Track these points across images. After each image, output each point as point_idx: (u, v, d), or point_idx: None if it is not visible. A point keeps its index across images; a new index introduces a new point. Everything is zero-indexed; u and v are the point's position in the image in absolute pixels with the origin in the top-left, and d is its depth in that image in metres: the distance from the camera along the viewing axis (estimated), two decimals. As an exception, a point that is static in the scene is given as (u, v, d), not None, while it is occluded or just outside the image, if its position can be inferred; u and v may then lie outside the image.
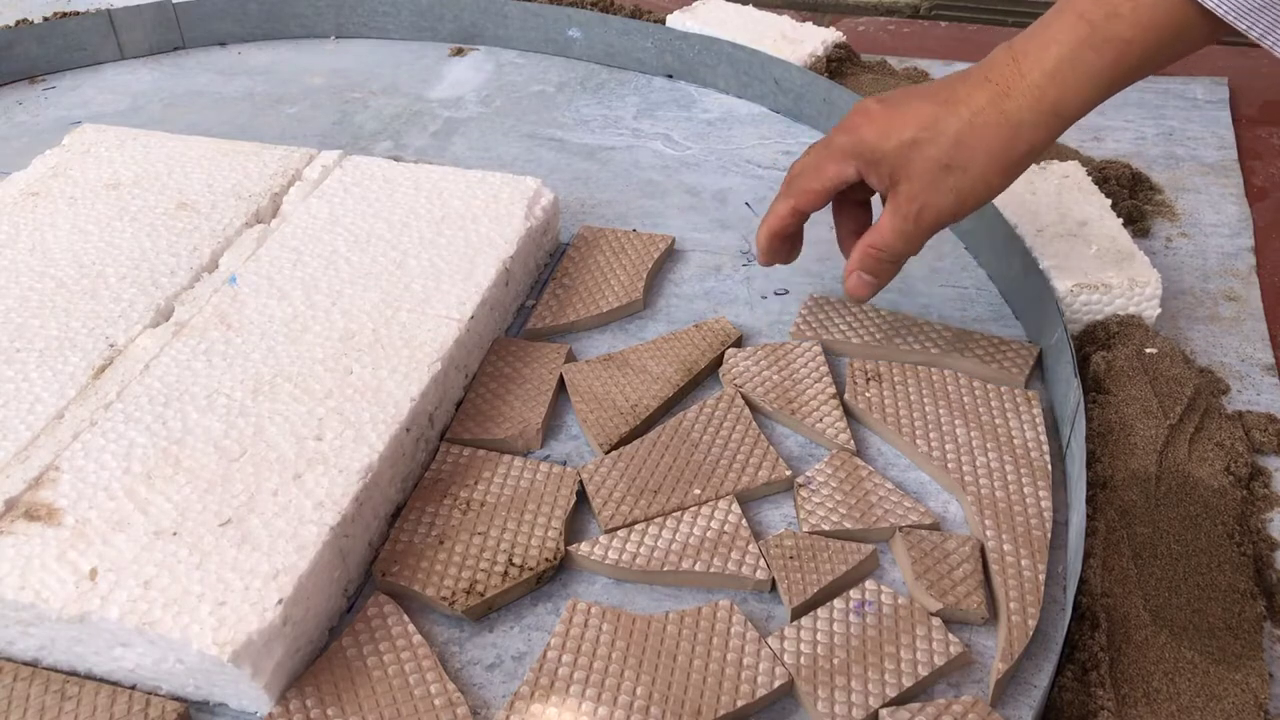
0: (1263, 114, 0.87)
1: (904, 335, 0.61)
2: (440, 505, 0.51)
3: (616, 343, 0.63)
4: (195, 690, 0.43)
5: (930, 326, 0.61)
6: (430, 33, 1.00)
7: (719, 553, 0.48)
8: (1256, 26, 0.46)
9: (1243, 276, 0.68)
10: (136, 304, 0.58)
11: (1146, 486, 0.51)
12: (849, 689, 0.43)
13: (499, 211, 0.65)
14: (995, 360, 0.59)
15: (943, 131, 0.50)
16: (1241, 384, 0.60)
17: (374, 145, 0.84)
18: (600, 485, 0.52)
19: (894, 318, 0.62)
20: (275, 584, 0.42)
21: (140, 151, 0.71)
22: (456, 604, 0.46)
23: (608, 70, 0.95)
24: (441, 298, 0.58)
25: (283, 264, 0.61)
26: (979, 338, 0.60)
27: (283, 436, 0.49)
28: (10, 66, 0.93)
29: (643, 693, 0.43)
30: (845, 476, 0.52)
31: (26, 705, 0.42)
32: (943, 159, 0.50)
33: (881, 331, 0.61)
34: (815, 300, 0.63)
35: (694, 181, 0.78)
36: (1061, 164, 0.72)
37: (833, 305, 0.63)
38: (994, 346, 0.60)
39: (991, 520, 0.49)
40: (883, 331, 0.61)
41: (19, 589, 0.42)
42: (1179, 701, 0.43)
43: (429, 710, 0.42)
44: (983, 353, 0.59)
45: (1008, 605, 0.45)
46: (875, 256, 0.54)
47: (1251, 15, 0.45)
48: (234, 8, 0.99)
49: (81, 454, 0.48)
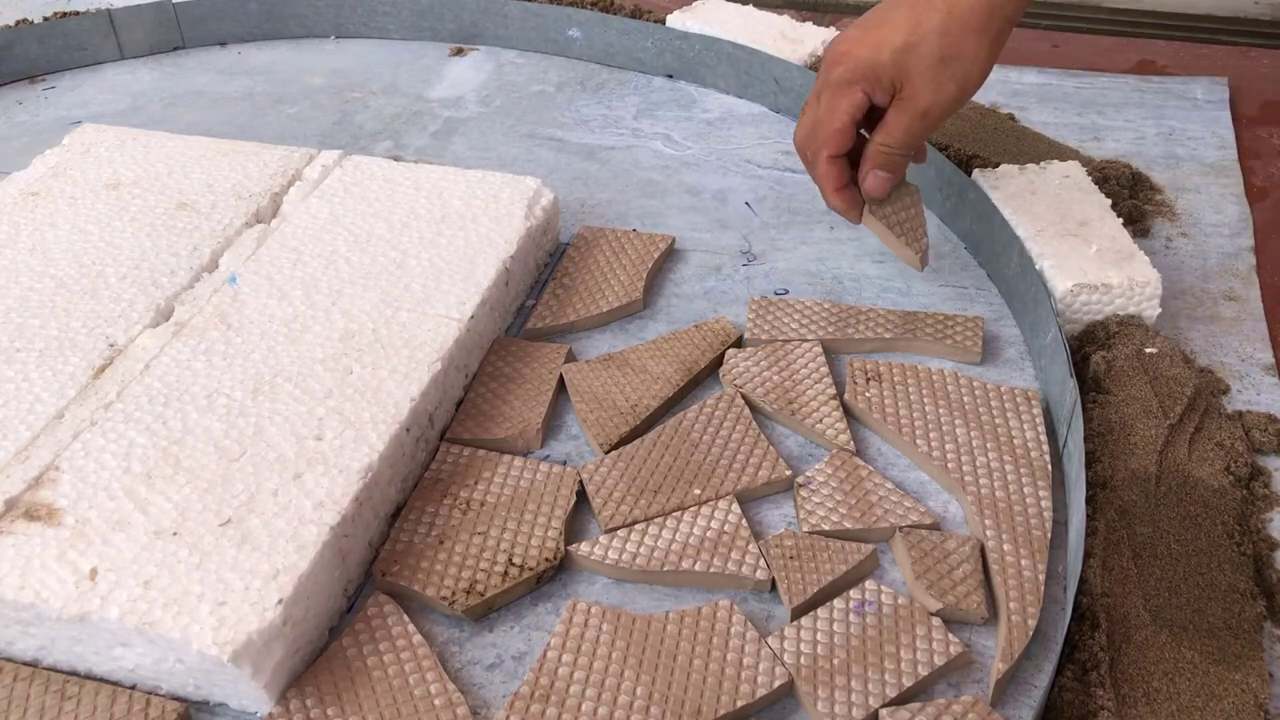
0: (1263, 114, 0.87)
1: (855, 325, 0.61)
2: (440, 505, 0.51)
3: (616, 343, 0.63)
4: (195, 690, 0.43)
5: (877, 313, 0.62)
6: (430, 33, 1.00)
7: (719, 553, 0.48)
8: None
9: (1243, 276, 0.68)
10: (136, 304, 0.58)
11: (1146, 486, 0.51)
12: (849, 689, 0.43)
13: (499, 211, 0.65)
14: (947, 337, 0.60)
15: (929, 29, 0.54)
16: (1241, 384, 0.60)
17: (374, 145, 0.84)
18: (600, 485, 0.52)
19: (840, 309, 0.63)
20: (275, 584, 0.42)
21: (140, 151, 0.71)
22: (456, 604, 0.46)
23: (608, 70, 0.95)
24: (441, 298, 0.58)
25: (283, 264, 0.61)
26: (926, 317, 0.62)
27: (283, 436, 0.49)
28: (10, 66, 0.93)
29: (643, 693, 0.43)
30: (845, 476, 0.52)
31: (26, 705, 0.42)
32: (937, 53, 0.54)
33: (832, 324, 0.62)
34: (758, 303, 0.63)
35: (694, 181, 0.78)
36: (1061, 164, 0.72)
37: (777, 305, 0.63)
38: (942, 324, 0.61)
39: (991, 520, 0.49)
40: (833, 324, 0.62)
41: (19, 589, 0.42)
42: (1179, 701, 0.43)
43: (429, 710, 0.42)
44: (933, 331, 0.61)
45: (1008, 605, 0.45)
46: (887, 153, 0.57)
47: None
48: (234, 8, 0.99)
49: (81, 454, 0.48)
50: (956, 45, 0.54)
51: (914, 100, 0.55)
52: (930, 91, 0.55)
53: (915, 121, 0.55)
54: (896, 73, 0.54)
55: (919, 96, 0.55)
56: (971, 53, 0.54)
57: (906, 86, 0.55)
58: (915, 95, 0.55)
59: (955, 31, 0.53)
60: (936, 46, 0.54)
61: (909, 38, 0.54)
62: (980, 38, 0.54)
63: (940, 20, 0.53)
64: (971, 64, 0.54)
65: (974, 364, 0.60)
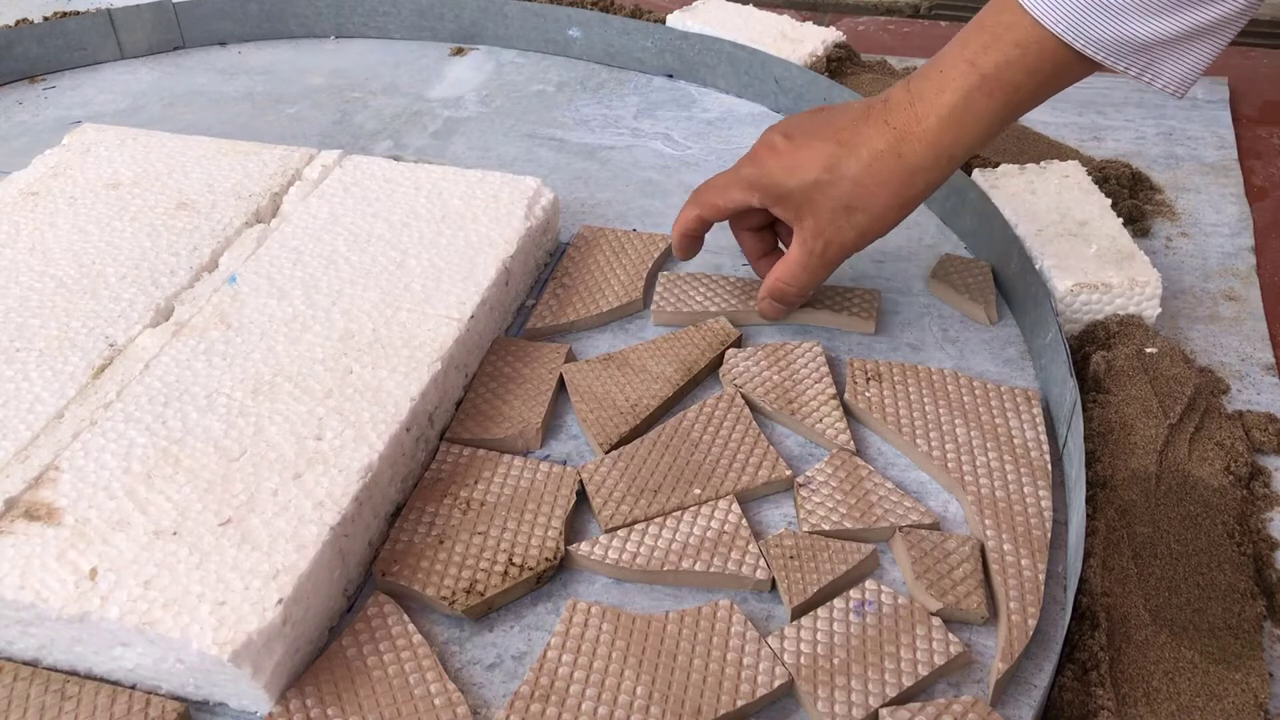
0: (1263, 114, 0.87)
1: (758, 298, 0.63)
2: (440, 505, 0.51)
3: (616, 342, 0.63)
4: (195, 690, 0.43)
5: None
6: (430, 32, 1.00)
7: (719, 552, 0.48)
8: (1133, 68, 0.49)
9: (1243, 276, 0.68)
10: (136, 303, 0.58)
11: (1146, 486, 0.51)
12: (849, 689, 0.43)
13: (499, 211, 0.65)
14: (845, 309, 0.63)
15: (844, 174, 0.54)
16: (1241, 384, 0.60)
17: (374, 145, 0.84)
18: (600, 485, 0.52)
19: (743, 283, 0.65)
20: (275, 584, 0.42)
21: (140, 151, 0.71)
22: (456, 604, 0.46)
23: (608, 70, 0.95)
24: (441, 297, 0.58)
25: (283, 264, 0.61)
26: (824, 290, 0.64)
27: (283, 436, 0.49)
28: (10, 66, 0.93)
29: (643, 693, 0.43)
30: (845, 476, 0.52)
31: (26, 705, 0.42)
32: (844, 200, 0.54)
33: (736, 297, 0.64)
34: (667, 277, 0.65)
35: (694, 181, 0.78)
36: (1061, 164, 0.72)
37: (683, 279, 0.65)
38: (841, 295, 0.64)
39: (991, 520, 0.49)
40: (737, 297, 0.64)
41: (19, 589, 0.42)
42: (1179, 701, 0.43)
43: (429, 710, 0.42)
44: (832, 303, 0.63)
45: (1008, 605, 0.45)
46: (783, 289, 0.59)
47: (1128, 59, 0.49)
48: (234, 8, 0.99)
49: (81, 454, 0.48)
50: (867, 197, 0.54)
51: (814, 236, 0.56)
52: (829, 231, 0.55)
53: (813, 259, 0.56)
54: (802, 203, 0.55)
55: (819, 234, 0.55)
56: (879, 208, 0.54)
57: (809, 219, 0.55)
58: (816, 232, 0.55)
59: (869, 185, 0.53)
60: (846, 193, 0.54)
61: (822, 175, 0.54)
62: (892, 199, 0.54)
63: (858, 170, 0.53)
64: (875, 219, 0.55)
65: (869, 334, 0.62)
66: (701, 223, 0.60)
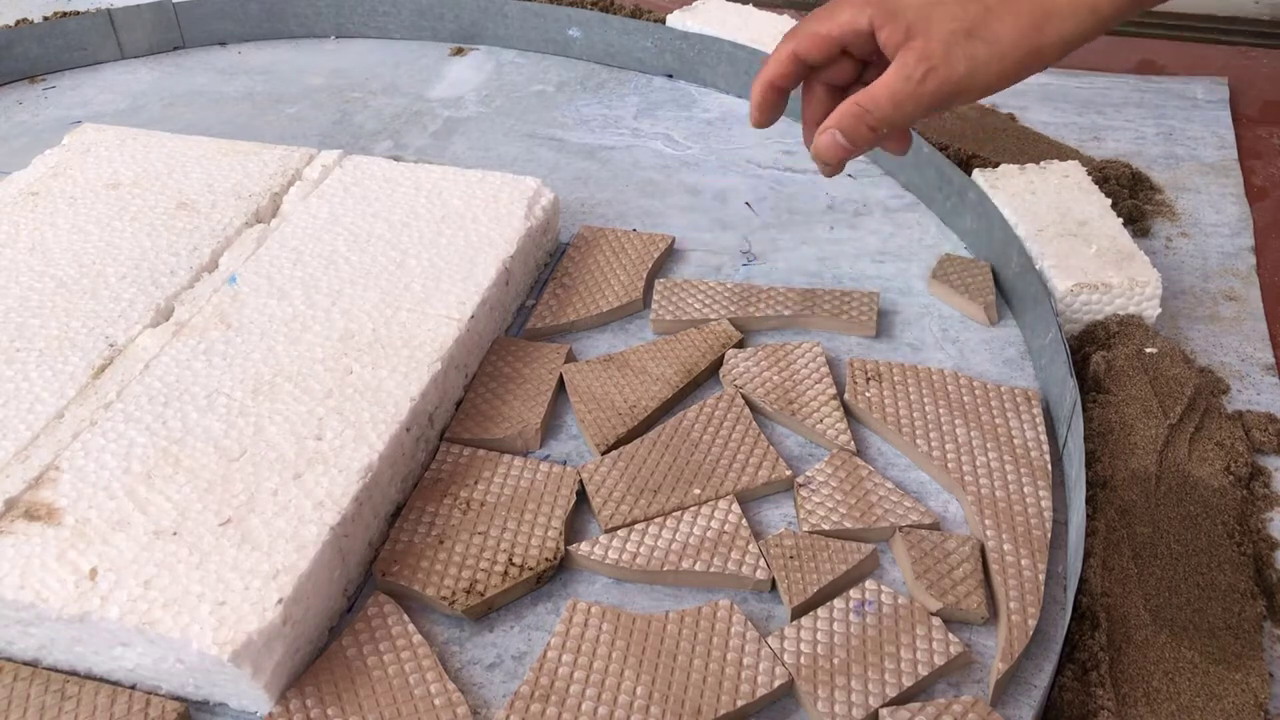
0: (1263, 114, 0.87)
1: (756, 304, 0.63)
2: (440, 505, 0.51)
3: (616, 343, 0.63)
4: (195, 690, 0.43)
5: (777, 291, 0.64)
6: (430, 32, 1.00)
7: (719, 552, 0.48)
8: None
9: (1243, 276, 0.68)
10: (136, 304, 0.58)
11: (1146, 486, 0.51)
12: (849, 689, 0.43)
13: (499, 211, 0.65)
14: (844, 312, 0.62)
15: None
16: (1241, 384, 0.60)
17: (374, 145, 0.84)
18: (600, 485, 0.52)
19: (741, 289, 0.64)
20: (275, 584, 0.42)
21: (140, 151, 0.71)
22: (456, 604, 0.46)
23: (608, 70, 0.95)
24: (441, 297, 0.58)
25: (283, 264, 0.61)
26: (824, 294, 0.63)
27: (283, 436, 0.49)
28: (10, 66, 0.93)
29: (643, 692, 0.43)
30: (845, 476, 0.52)
31: (26, 705, 0.42)
32: (967, 22, 0.46)
33: (734, 304, 0.63)
34: (664, 284, 0.65)
35: (694, 181, 0.78)
36: (1061, 164, 0.72)
37: (681, 286, 0.65)
38: (839, 299, 0.63)
39: (991, 520, 0.49)
40: (735, 304, 0.63)
41: (19, 589, 0.42)
42: (1179, 701, 0.43)
43: (429, 710, 0.42)
44: (830, 307, 0.63)
45: (1008, 605, 0.45)
46: (859, 116, 0.48)
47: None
48: (234, 8, 0.99)
49: (81, 454, 0.48)
50: (994, 28, 0.46)
51: (919, 60, 0.46)
52: (939, 56, 0.46)
53: (908, 85, 0.47)
54: (916, 20, 0.46)
55: (927, 57, 0.46)
56: (1003, 46, 0.46)
57: (919, 39, 0.46)
58: (924, 54, 0.46)
59: (1001, 14, 0.46)
60: (973, 16, 0.46)
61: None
62: (1021, 39, 0.46)
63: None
64: (995, 58, 0.46)
65: (869, 337, 0.62)
66: (796, 63, 0.50)
